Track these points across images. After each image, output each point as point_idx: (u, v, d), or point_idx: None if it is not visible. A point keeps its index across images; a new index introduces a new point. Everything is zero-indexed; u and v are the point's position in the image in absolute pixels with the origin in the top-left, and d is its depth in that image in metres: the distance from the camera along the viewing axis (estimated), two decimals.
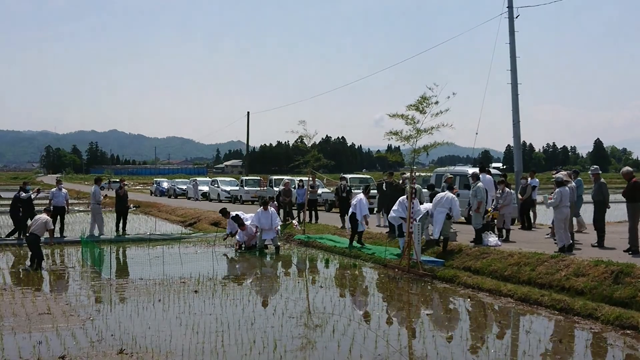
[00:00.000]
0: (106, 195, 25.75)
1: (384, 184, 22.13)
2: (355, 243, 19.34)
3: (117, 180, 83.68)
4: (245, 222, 20.51)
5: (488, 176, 19.42)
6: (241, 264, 18.27)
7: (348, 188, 24.40)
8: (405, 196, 16.65)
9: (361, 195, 19.56)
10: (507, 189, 18.11)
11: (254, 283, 14.98)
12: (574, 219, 18.55)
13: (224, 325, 10.44)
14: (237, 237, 20.67)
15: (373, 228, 21.53)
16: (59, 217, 23.01)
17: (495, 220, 17.75)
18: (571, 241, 15.39)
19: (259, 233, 20.27)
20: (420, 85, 16.15)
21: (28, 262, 16.81)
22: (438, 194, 17.34)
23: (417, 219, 16.22)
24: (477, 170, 19.88)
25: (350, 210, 19.40)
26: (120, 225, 24.83)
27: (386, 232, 20.21)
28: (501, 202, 17.96)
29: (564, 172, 17.21)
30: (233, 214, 21.46)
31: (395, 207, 17.16)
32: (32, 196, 22.62)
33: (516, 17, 25.79)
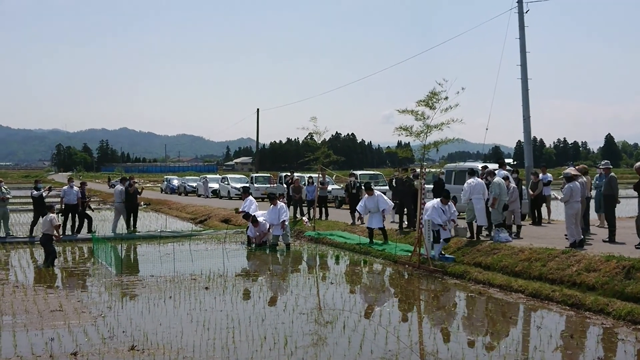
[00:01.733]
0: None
1: (394, 180, 22.11)
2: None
3: (127, 177, 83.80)
4: (259, 219, 20.49)
5: (504, 171, 19.39)
6: (252, 261, 18.30)
7: (358, 184, 24.39)
8: (439, 199, 16.41)
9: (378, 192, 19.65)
10: (512, 185, 17.71)
11: (265, 280, 15.00)
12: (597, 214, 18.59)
13: (234, 321, 10.46)
14: (248, 232, 20.67)
15: (393, 224, 21.46)
16: (70, 214, 23.11)
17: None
18: (582, 236, 15.34)
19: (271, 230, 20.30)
20: (430, 81, 16.14)
21: (43, 263, 16.92)
22: (469, 182, 17.32)
23: (426, 215, 16.20)
24: (489, 165, 19.83)
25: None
26: (131, 222, 24.88)
27: (396, 230, 20.21)
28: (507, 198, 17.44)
29: (572, 168, 17.14)
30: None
31: (428, 212, 16.36)
32: (44, 194, 22.72)
33: (526, 12, 25.70)
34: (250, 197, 22.37)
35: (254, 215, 20.54)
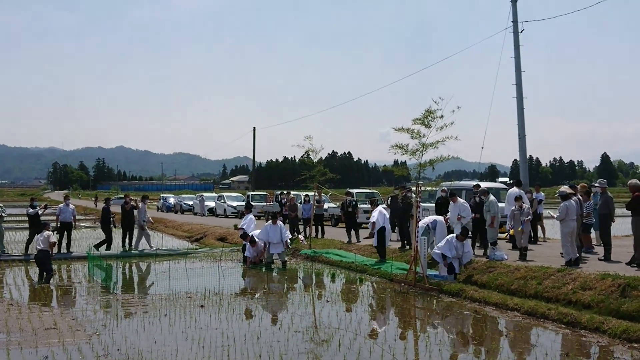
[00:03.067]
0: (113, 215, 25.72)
1: (390, 198, 22.16)
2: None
3: (122, 196, 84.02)
4: (255, 238, 20.43)
5: (518, 189, 19.51)
6: (247, 279, 18.27)
7: (354, 203, 24.41)
8: (454, 235, 16.06)
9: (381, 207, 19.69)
10: (525, 205, 17.27)
11: (260, 298, 14.97)
12: (594, 232, 18.58)
13: (229, 339, 10.43)
14: (246, 252, 20.63)
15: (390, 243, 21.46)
16: (65, 232, 23.07)
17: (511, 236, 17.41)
18: (578, 254, 15.36)
19: (267, 247, 20.27)
20: (427, 99, 16.19)
21: (38, 280, 16.93)
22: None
23: (421, 233, 16.23)
24: (485, 184, 19.94)
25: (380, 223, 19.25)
26: (127, 240, 24.83)
27: (399, 248, 20.25)
28: (523, 218, 16.96)
29: (566, 187, 17.21)
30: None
31: (441, 244, 16.05)
32: (39, 212, 22.67)
33: (521, 32, 25.97)
34: (251, 215, 22.35)
35: (252, 235, 20.50)
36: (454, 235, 16.00)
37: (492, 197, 17.94)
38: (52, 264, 17.15)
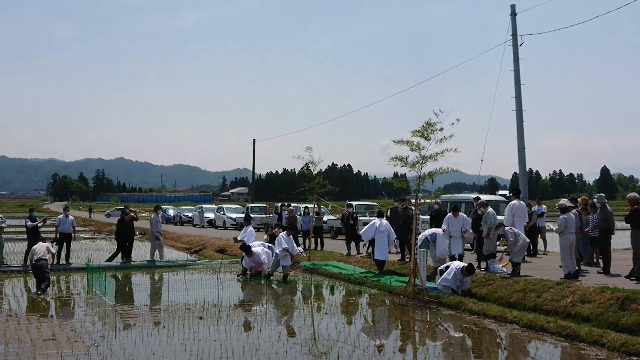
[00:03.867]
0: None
1: (390, 211, 22.18)
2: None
3: (121, 207, 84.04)
4: (255, 249, 20.42)
5: (522, 202, 19.57)
6: (246, 291, 18.24)
7: (355, 215, 24.41)
8: (460, 267, 15.50)
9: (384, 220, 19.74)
10: (514, 230, 16.46)
11: (259, 310, 14.95)
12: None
13: (228, 351, 10.42)
14: (243, 263, 20.62)
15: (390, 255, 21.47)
16: (65, 243, 23.06)
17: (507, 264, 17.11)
18: (577, 267, 15.37)
19: (272, 259, 20.33)
20: (426, 112, 16.25)
21: (36, 290, 16.97)
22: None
23: (419, 245, 16.24)
24: (484, 197, 20.02)
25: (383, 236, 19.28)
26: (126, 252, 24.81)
27: (398, 260, 20.28)
28: (511, 242, 16.14)
29: (566, 200, 17.26)
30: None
31: (448, 277, 15.48)
32: (39, 225, 22.60)
33: (520, 45, 26.08)
34: (250, 227, 22.36)
35: (249, 245, 20.52)
36: (459, 267, 15.54)
37: (489, 209, 18.00)
38: (49, 274, 17.21)
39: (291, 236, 20.43)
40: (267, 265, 20.43)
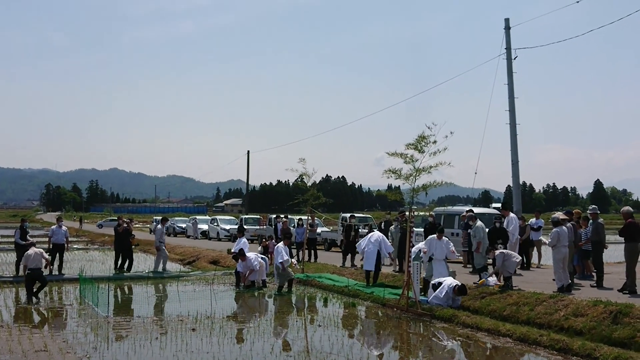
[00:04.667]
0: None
1: (383, 223, 22.19)
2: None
3: (114, 218, 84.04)
4: (247, 254, 20.45)
5: (513, 215, 19.64)
6: (240, 303, 18.20)
7: (357, 227, 24.34)
8: (452, 286, 15.43)
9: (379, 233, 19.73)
10: (504, 252, 16.23)
11: (252, 321, 14.92)
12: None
13: None
14: (237, 267, 20.59)
15: (385, 267, 21.50)
16: (57, 254, 22.99)
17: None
18: (570, 281, 15.40)
19: (266, 271, 20.40)
20: (421, 124, 16.27)
21: (34, 299, 17.00)
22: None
23: (413, 258, 16.24)
24: (478, 209, 20.11)
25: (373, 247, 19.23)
26: (120, 263, 24.77)
27: (393, 271, 20.32)
28: (498, 266, 16.12)
29: (559, 213, 17.32)
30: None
31: (440, 295, 15.52)
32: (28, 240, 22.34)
33: (514, 59, 26.18)
34: (244, 239, 22.28)
35: (241, 249, 20.55)
36: (452, 285, 15.49)
37: (478, 223, 18.11)
38: (45, 278, 17.37)
39: (287, 246, 20.42)
40: (261, 275, 20.40)
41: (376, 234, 19.75)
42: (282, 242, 20.47)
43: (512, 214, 19.85)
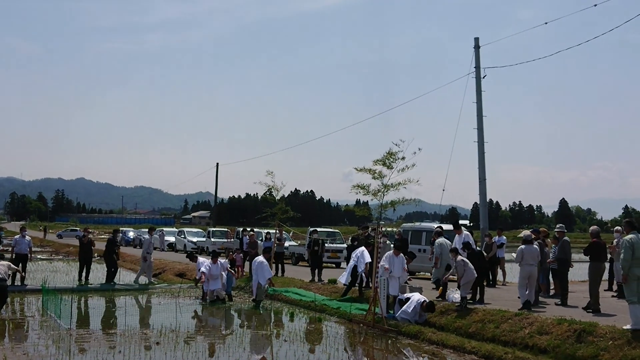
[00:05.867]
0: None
1: (351, 238, 22.20)
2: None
3: (75, 229, 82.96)
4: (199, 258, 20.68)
5: (466, 232, 19.81)
6: (205, 316, 18.05)
7: (321, 241, 24.31)
8: (420, 302, 15.55)
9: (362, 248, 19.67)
10: (460, 258, 16.27)
11: (217, 335, 14.80)
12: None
13: None
14: (202, 268, 20.51)
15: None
16: (20, 264, 22.62)
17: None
18: (534, 298, 15.52)
19: (227, 282, 20.40)
20: (389, 139, 16.35)
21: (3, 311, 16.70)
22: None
23: (380, 274, 16.23)
24: (446, 226, 20.30)
25: (352, 262, 19.22)
26: (84, 274, 24.47)
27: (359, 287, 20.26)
28: (454, 271, 16.44)
29: (528, 232, 17.48)
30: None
31: (408, 310, 15.61)
32: None
33: (483, 77, 26.40)
34: (200, 259, 21.95)
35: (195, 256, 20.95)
36: (420, 301, 15.59)
37: (440, 239, 18.37)
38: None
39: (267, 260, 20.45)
40: (222, 288, 20.35)
41: (360, 249, 19.68)
42: (262, 256, 20.42)
43: (465, 232, 19.95)
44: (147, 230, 53.05)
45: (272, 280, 19.78)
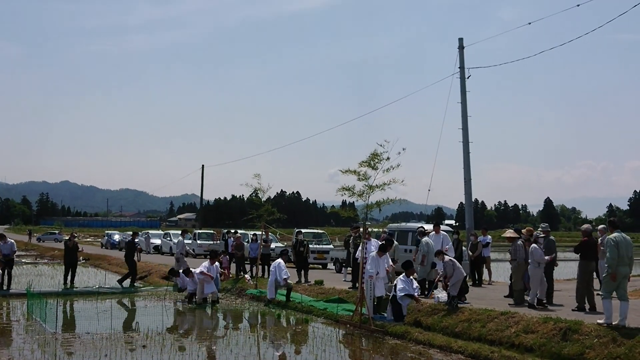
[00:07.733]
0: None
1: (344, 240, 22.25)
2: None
3: (54, 232, 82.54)
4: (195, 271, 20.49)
5: (443, 232, 19.97)
6: (192, 319, 18.00)
7: (305, 243, 24.34)
8: (403, 274, 16.18)
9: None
10: (447, 258, 16.58)
11: (205, 338, 14.76)
12: None
13: None
14: (188, 287, 20.55)
15: (339, 283, 21.54)
16: (4, 269, 22.44)
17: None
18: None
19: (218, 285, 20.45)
20: (374, 140, 16.36)
21: None
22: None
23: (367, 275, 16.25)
24: (430, 226, 20.38)
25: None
26: (69, 277, 24.34)
27: (349, 288, 20.31)
28: (440, 272, 16.91)
29: (511, 231, 17.60)
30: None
31: (404, 286, 15.99)
32: None
33: (468, 78, 26.46)
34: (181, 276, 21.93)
35: (186, 269, 21.01)
36: (402, 275, 16.21)
37: (425, 238, 18.55)
38: None
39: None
40: (216, 291, 20.38)
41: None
42: (280, 258, 20.66)
43: (442, 233, 20.20)
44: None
45: (288, 281, 19.86)
